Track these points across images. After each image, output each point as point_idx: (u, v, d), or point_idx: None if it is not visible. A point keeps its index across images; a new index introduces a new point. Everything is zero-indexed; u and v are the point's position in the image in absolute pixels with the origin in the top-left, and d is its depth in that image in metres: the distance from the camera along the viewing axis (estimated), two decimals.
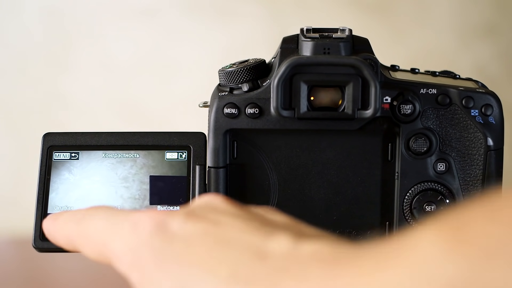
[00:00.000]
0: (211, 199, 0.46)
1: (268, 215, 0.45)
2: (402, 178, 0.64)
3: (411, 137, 0.64)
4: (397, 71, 0.67)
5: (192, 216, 0.43)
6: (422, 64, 0.82)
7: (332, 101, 0.63)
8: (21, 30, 1.48)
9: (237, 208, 0.45)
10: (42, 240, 0.64)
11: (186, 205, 0.46)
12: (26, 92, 1.49)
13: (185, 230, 0.43)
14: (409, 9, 1.52)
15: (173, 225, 0.43)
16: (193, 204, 0.47)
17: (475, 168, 0.64)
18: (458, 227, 0.34)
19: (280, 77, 0.61)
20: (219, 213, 0.44)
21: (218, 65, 0.68)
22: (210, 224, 0.43)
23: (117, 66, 1.49)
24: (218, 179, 0.65)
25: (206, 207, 0.45)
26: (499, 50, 1.54)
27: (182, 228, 0.43)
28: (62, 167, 0.66)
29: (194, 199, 0.46)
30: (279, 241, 0.41)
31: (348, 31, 0.63)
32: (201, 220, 0.43)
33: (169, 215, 0.44)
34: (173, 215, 0.44)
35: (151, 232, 0.43)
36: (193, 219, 0.43)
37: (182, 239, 0.42)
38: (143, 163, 0.65)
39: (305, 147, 0.65)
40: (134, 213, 0.45)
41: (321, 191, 0.65)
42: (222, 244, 0.41)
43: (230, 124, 0.64)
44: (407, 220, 0.65)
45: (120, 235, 0.44)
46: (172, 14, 1.49)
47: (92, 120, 1.49)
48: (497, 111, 0.64)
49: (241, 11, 1.49)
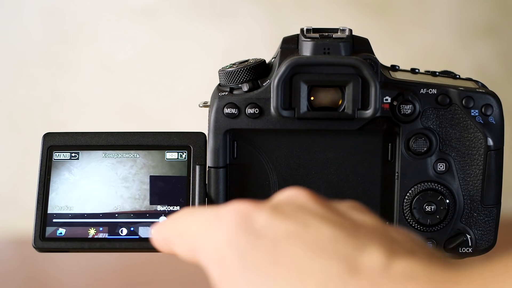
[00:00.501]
0: (296, 194, 0.43)
1: (355, 214, 0.42)
2: (402, 178, 0.64)
3: (411, 137, 0.64)
4: (397, 71, 0.67)
5: (279, 213, 0.41)
6: (422, 64, 0.82)
7: (332, 101, 0.63)
8: (21, 30, 1.48)
9: (324, 206, 0.42)
10: (42, 240, 0.64)
11: (270, 199, 0.44)
12: (26, 92, 1.49)
13: (272, 228, 0.40)
14: (409, 9, 1.52)
15: (258, 220, 0.41)
16: (277, 197, 0.44)
17: (475, 168, 0.64)
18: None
19: (280, 77, 0.61)
20: (307, 213, 0.41)
21: (218, 65, 0.68)
22: (299, 225, 0.40)
23: (117, 66, 1.49)
24: (218, 179, 0.65)
25: (292, 203, 0.42)
26: (499, 50, 1.54)
27: (268, 226, 0.40)
28: (62, 167, 0.66)
29: (275, 195, 0.44)
30: (371, 255, 0.38)
31: (348, 31, 0.63)
32: (288, 219, 0.40)
33: (254, 209, 0.41)
34: (259, 209, 0.41)
35: (236, 227, 0.41)
36: (280, 217, 0.41)
37: (268, 239, 0.40)
38: (143, 163, 0.66)
39: (305, 147, 0.65)
40: (220, 207, 0.42)
41: (321, 191, 0.65)
42: (312, 251, 0.39)
43: (230, 124, 0.64)
44: (407, 220, 0.65)
45: (205, 230, 0.42)
46: (172, 14, 1.49)
47: (92, 120, 1.49)
48: (497, 111, 0.64)
49: (241, 11, 1.49)
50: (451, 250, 0.65)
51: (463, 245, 0.65)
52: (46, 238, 0.64)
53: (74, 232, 0.64)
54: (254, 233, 0.40)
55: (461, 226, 0.65)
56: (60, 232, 0.64)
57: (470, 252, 0.65)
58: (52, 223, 0.64)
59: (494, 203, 0.65)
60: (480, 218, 0.65)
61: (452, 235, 0.65)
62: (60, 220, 0.64)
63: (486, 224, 0.65)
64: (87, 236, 0.64)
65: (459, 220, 0.65)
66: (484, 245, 0.66)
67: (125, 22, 1.49)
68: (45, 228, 0.64)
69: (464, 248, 0.65)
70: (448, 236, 0.65)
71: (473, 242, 0.65)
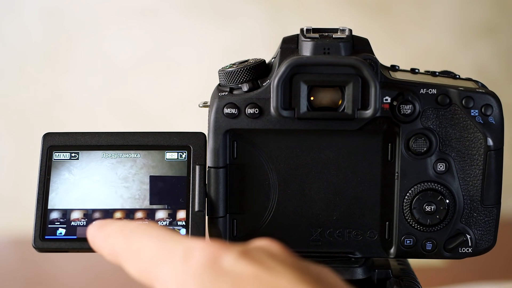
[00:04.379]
0: (269, 244, 0.45)
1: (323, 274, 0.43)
2: (402, 178, 0.64)
3: (411, 137, 0.64)
4: (397, 71, 0.67)
5: (247, 256, 0.43)
6: (422, 64, 0.82)
7: (332, 101, 0.63)
8: (21, 30, 1.48)
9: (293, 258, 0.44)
10: (42, 240, 0.64)
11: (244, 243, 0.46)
12: (26, 92, 1.49)
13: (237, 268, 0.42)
14: (409, 9, 1.52)
15: (225, 261, 0.42)
16: (250, 244, 0.45)
17: (475, 168, 0.64)
18: None
19: (280, 77, 0.61)
20: (275, 259, 0.43)
21: (218, 65, 0.68)
22: (263, 268, 0.42)
23: (117, 66, 1.49)
24: (218, 179, 0.65)
25: (264, 250, 0.44)
26: (499, 50, 1.54)
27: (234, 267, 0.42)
28: (62, 167, 0.66)
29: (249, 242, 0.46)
30: None
31: (348, 31, 0.63)
32: (255, 262, 0.42)
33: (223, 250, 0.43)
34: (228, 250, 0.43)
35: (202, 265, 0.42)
36: (247, 259, 0.42)
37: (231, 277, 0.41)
38: (143, 163, 0.66)
39: (305, 147, 0.65)
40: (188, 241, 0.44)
41: (321, 191, 0.65)
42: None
43: (230, 124, 0.64)
44: (407, 220, 0.65)
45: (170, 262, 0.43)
46: (172, 14, 1.49)
47: (92, 120, 1.49)
48: (497, 111, 0.64)
49: (241, 11, 1.49)
50: (451, 250, 0.65)
51: (463, 245, 0.65)
52: (46, 238, 0.64)
53: (74, 232, 0.64)
54: (220, 271, 0.42)
55: (461, 226, 0.65)
56: (60, 232, 0.64)
57: (470, 252, 0.65)
58: (52, 223, 0.64)
59: (494, 203, 0.65)
60: (480, 218, 0.65)
61: (452, 235, 0.65)
62: (60, 220, 0.64)
63: (486, 224, 0.65)
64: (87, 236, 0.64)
65: (459, 220, 0.65)
66: (484, 245, 0.66)
67: (125, 22, 1.49)
68: (45, 228, 0.64)
69: (464, 248, 0.65)
70: (448, 236, 0.65)
71: (473, 242, 0.65)
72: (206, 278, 0.42)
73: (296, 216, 0.65)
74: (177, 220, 0.64)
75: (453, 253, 0.65)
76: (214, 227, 0.65)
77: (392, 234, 0.65)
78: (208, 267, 0.42)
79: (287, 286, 0.41)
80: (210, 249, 0.43)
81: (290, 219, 0.65)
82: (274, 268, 0.42)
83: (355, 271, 0.65)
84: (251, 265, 0.42)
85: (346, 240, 0.66)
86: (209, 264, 0.42)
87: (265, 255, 0.43)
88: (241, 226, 0.65)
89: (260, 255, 0.43)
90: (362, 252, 0.66)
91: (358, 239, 0.66)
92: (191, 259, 0.43)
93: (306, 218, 0.66)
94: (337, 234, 0.66)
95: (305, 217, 0.66)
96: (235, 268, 0.42)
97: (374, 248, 0.66)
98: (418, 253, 0.65)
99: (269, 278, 0.41)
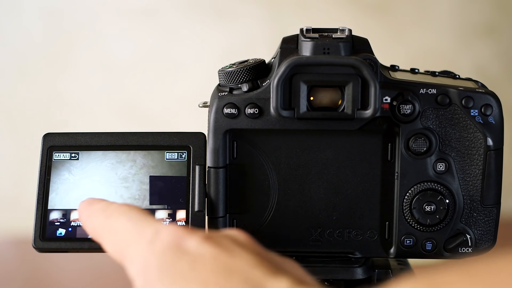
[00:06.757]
0: (237, 233, 0.47)
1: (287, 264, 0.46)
2: (402, 178, 0.64)
3: (410, 137, 0.64)
4: (397, 71, 0.67)
5: (210, 240, 0.45)
6: (422, 64, 0.82)
7: (331, 101, 0.63)
8: (21, 30, 1.48)
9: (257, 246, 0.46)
10: (42, 240, 0.64)
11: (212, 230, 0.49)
12: (26, 92, 1.49)
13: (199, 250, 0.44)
14: (409, 9, 1.52)
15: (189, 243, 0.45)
16: (218, 231, 0.48)
17: (474, 168, 0.64)
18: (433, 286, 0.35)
19: (280, 77, 0.61)
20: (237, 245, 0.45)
21: (218, 65, 0.68)
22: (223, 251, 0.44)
23: (117, 66, 1.49)
24: (218, 179, 0.65)
25: (229, 237, 0.46)
26: (499, 50, 1.54)
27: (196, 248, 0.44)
28: (62, 167, 0.66)
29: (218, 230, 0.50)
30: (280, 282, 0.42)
31: (348, 31, 0.63)
32: (216, 245, 0.45)
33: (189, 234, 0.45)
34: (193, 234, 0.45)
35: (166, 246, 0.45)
36: (209, 243, 0.45)
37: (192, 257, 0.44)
38: (143, 163, 0.66)
39: (305, 147, 0.65)
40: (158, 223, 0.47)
41: (321, 191, 0.65)
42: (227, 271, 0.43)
43: (230, 124, 0.64)
44: (407, 220, 0.65)
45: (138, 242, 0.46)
46: (172, 14, 1.49)
47: (92, 120, 1.49)
48: (496, 111, 0.64)
49: (241, 11, 1.49)
50: (451, 250, 0.65)
51: (463, 245, 0.65)
52: (46, 238, 0.64)
53: (74, 232, 0.64)
54: (181, 252, 0.44)
55: (461, 226, 0.65)
56: (60, 232, 0.64)
57: (470, 252, 0.65)
58: (52, 223, 0.64)
59: (494, 203, 0.65)
60: (480, 218, 0.65)
61: (452, 235, 0.65)
62: (60, 220, 0.64)
63: (486, 224, 0.65)
64: (87, 236, 0.64)
65: (459, 220, 0.65)
66: (484, 245, 0.66)
67: (126, 22, 1.49)
68: (45, 228, 0.64)
69: (464, 248, 0.65)
70: (448, 236, 0.65)
71: (473, 242, 0.65)
72: (168, 258, 0.44)
73: (296, 216, 0.66)
74: (177, 220, 0.64)
75: (453, 253, 0.65)
76: (214, 227, 0.65)
77: (392, 234, 0.65)
78: (171, 248, 0.44)
79: (243, 267, 0.43)
80: (177, 232, 0.45)
81: (290, 219, 0.65)
82: (234, 251, 0.44)
83: (355, 271, 0.65)
84: (212, 247, 0.44)
85: (346, 240, 0.66)
86: (172, 245, 0.44)
87: (229, 241, 0.45)
88: (241, 226, 0.65)
89: (224, 240, 0.45)
90: (362, 252, 0.66)
91: (358, 239, 0.66)
92: (157, 241, 0.45)
93: (306, 218, 0.66)
94: (337, 234, 0.66)
95: (305, 217, 0.66)
96: (197, 250, 0.44)
97: (374, 248, 0.66)
98: (418, 253, 0.65)
99: (227, 260, 0.43)
